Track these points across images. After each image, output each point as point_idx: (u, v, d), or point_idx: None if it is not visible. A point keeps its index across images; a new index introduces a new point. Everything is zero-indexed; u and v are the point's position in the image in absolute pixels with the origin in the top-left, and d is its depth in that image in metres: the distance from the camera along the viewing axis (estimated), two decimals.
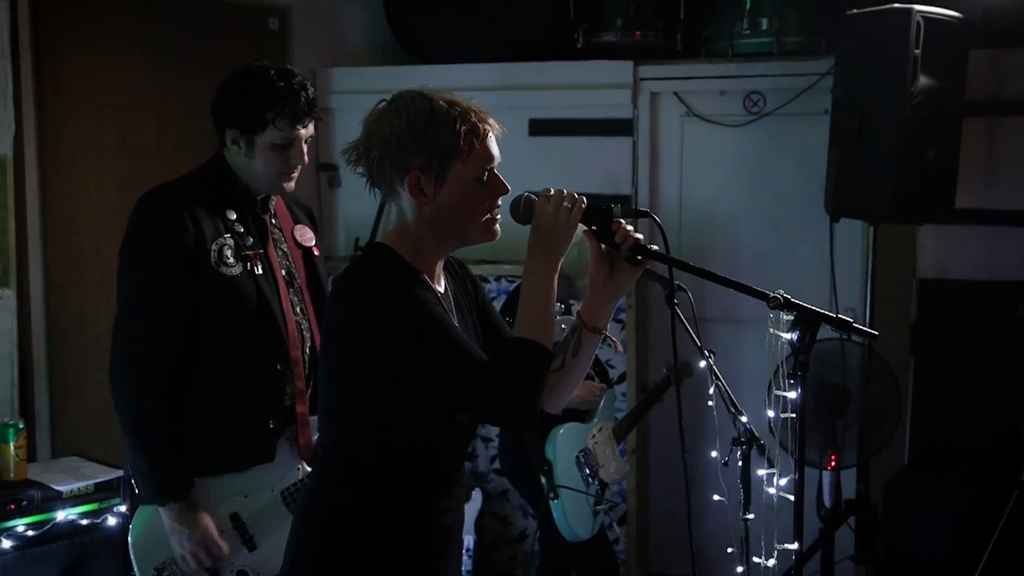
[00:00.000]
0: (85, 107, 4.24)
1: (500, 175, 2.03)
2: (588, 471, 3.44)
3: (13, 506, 3.35)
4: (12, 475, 3.52)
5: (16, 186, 3.93)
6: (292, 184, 2.79)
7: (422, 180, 1.97)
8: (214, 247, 2.67)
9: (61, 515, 3.42)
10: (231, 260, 2.69)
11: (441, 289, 2.09)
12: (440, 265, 2.11)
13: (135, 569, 2.78)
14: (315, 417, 2.74)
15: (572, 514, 3.39)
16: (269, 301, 2.74)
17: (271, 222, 2.85)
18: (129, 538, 2.82)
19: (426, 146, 1.96)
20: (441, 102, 1.98)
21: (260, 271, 2.73)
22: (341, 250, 5.16)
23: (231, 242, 2.71)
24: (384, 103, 2.04)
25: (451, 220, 2.01)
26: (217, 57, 4.30)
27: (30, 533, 3.35)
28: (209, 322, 2.70)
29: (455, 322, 2.05)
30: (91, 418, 4.14)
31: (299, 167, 2.77)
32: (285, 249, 2.88)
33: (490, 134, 2.00)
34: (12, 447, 3.53)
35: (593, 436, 3.52)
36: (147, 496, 2.72)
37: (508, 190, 2.03)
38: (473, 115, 1.99)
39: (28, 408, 4.01)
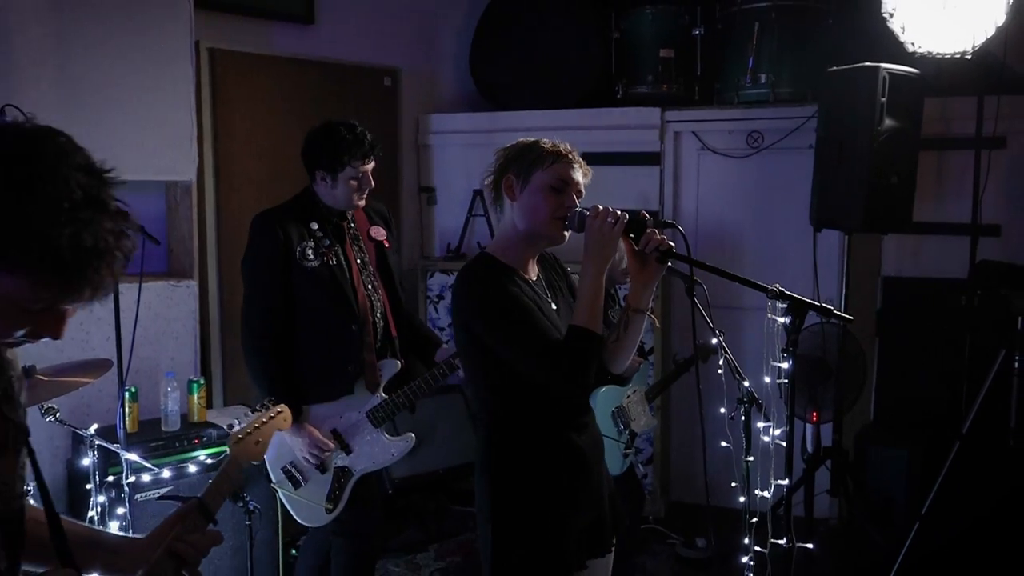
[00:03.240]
0: (248, 146, 4.29)
1: (570, 194, 2.05)
2: (621, 423, 3.46)
3: (197, 440, 3.45)
4: (195, 418, 3.60)
5: (198, 205, 3.99)
6: (363, 202, 2.98)
7: (513, 182, 2.03)
8: (299, 248, 2.88)
9: None
10: (311, 256, 2.89)
11: (533, 277, 2.10)
12: (532, 261, 2.12)
13: (269, 472, 2.97)
14: (382, 360, 2.98)
15: (607, 455, 3.41)
16: (341, 282, 2.91)
17: (348, 227, 3.02)
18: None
19: (521, 158, 2.03)
20: (549, 142, 2.06)
21: (335, 262, 2.92)
22: (437, 252, 5.19)
23: (312, 244, 2.90)
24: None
25: (529, 216, 2.04)
26: (348, 106, 4.36)
27: (209, 461, 3.42)
28: (300, 299, 2.91)
29: (549, 300, 2.09)
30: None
31: (367, 189, 2.95)
32: (361, 244, 3.05)
33: (573, 164, 2.05)
34: (196, 397, 3.61)
35: (628, 396, 3.54)
36: None
37: (575, 204, 2.04)
38: (566, 150, 2.05)
39: (206, 369, 4.06)
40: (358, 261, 2.99)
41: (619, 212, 1.99)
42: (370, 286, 3.00)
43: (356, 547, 3.01)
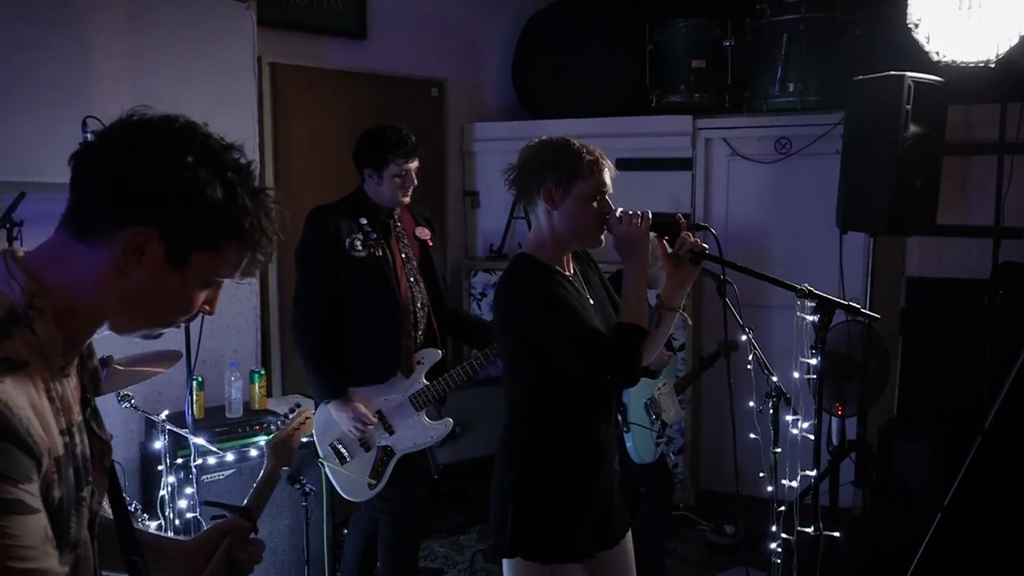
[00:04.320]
0: (306, 154, 4.34)
1: (608, 200, 2.04)
2: (653, 414, 3.44)
3: (258, 427, 3.48)
4: (256, 405, 3.64)
5: None
6: (408, 199, 3.01)
7: (553, 191, 1.99)
8: (348, 239, 2.92)
9: None
10: (359, 248, 2.93)
11: (570, 273, 2.09)
12: (568, 257, 2.10)
13: (317, 447, 3.01)
14: (425, 349, 3.02)
15: (639, 444, 3.40)
16: (386, 273, 2.94)
17: (395, 225, 3.06)
18: (312, 427, 3.01)
19: (560, 166, 1.98)
20: (575, 142, 2.02)
21: (381, 254, 2.96)
22: (480, 252, 5.20)
23: (360, 236, 2.94)
24: (534, 140, 2.07)
25: (569, 225, 2.01)
26: (397, 116, 4.34)
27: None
28: (347, 287, 2.94)
29: (587, 295, 2.07)
30: None
31: (411, 187, 2.98)
32: (406, 241, 3.08)
33: (605, 169, 2.01)
34: (257, 386, 3.65)
35: (659, 388, 3.52)
36: (318, 397, 2.98)
37: (613, 211, 2.02)
38: (597, 153, 2.02)
39: (267, 360, 4.10)
40: (402, 256, 3.03)
41: (641, 212, 1.98)
42: (412, 279, 3.04)
43: (401, 525, 3.03)
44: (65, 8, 3.37)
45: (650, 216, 1.98)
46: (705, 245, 2.02)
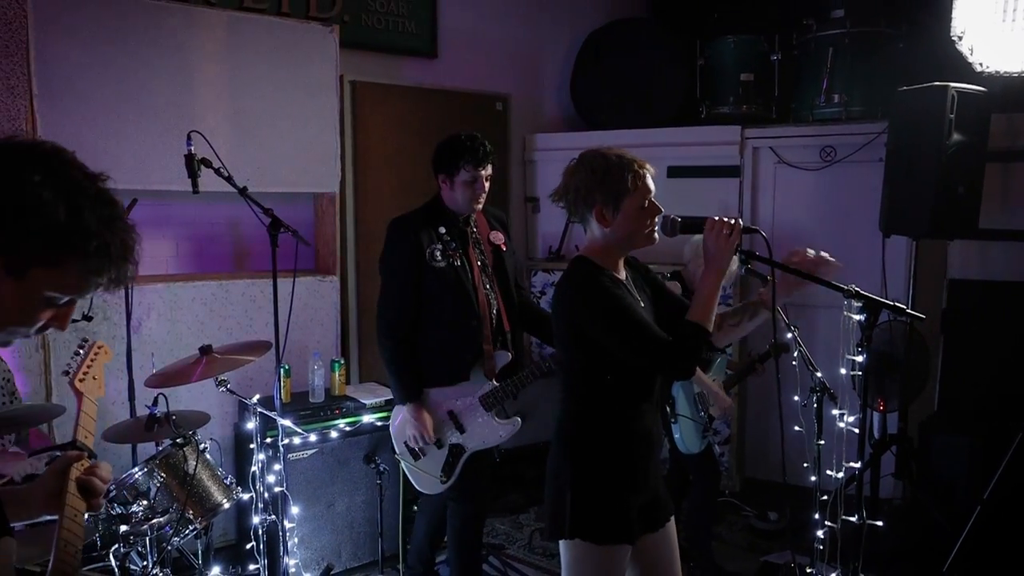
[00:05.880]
0: (382, 163, 4.38)
1: (655, 202, 2.01)
2: (701, 407, 3.39)
3: (338, 411, 3.53)
4: (336, 392, 3.68)
5: (340, 212, 4.07)
6: (479, 206, 2.92)
7: (604, 211, 1.97)
8: (428, 250, 2.85)
9: (366, 418, 3.55)
10: (439, 257, 2.86)
11: (623, 277, 2.07)
12: (621, 261, 2.08)
13: (393, 442, 3.02)
14: (496, 352, 2.95)
15: (686, 435, 3.35)
16: (464, 282, 2.87)
17: (471, 232, 2.97)
18: (390, 425, 3.05)
19: (605, 188, 1.96)
20: (613, 156, 1.98)
21: (459, 263, 2.88)
22: (540, 253, 5.19)
23: (439, 246, 2.87)
24: (574, 161, 2.03)
25: (624, 235, 2.00)
26: (464, 127, 4.38)
27: (347, 428, 3.49)
28: (428, 295, 2.87)
29: (637, 298, 2.05)
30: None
31: (483, 194, 2.88)
32: (482, 248, 2.99)
33: (647, 176, 1.99)
34: (337, 375, 3.70)
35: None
36: (398, 399, 2.95)
37: (661, 211, 2.01)
38: (635, 163, 1.97)
39: (345, 350, 4.15)
40: (478, 263, 2.96)
41: (732, 222, 1.94)
42: (488, 286, 2.97)
43: (468, 512, 3.02)
44: (171, 34, 3.49)
45: (741, 226, 1.94)
46: (737, 217, 1.98)
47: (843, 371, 2.70)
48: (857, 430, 2.20)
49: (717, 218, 1.95)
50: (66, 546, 1.34)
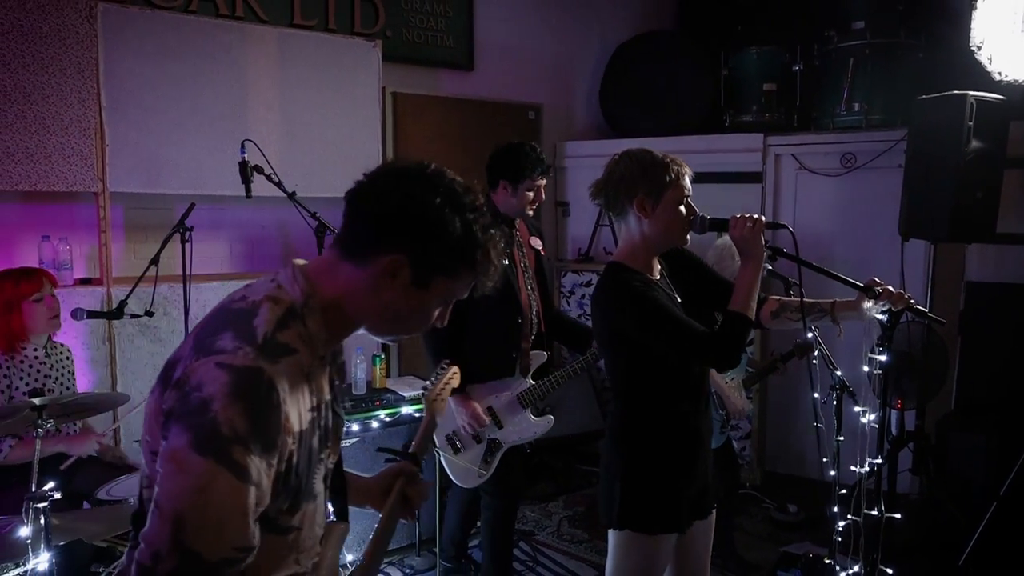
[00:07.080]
0: None
1: (692, 202, 2.00)
2: (718, 405, 3.35)
3: (378, 403, 3.54)
4: (377, 384, 3.71)
5: None
6: (532, 212, 2.91)
7: (646, 202, 1.95)
8: None
9: (404, 409, 3.54)
10: None
11: (656, 276, 2.04)
12: (655, 261, 2.04)
13: (434, 437, 2.95)
14: (533, 351, 2.92)
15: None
16: (510, 282, 2.84)
17: (516, 235, 2.96)
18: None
19: (649, 179, 1.94)
20: (657, 153, 1.99)
21: (506, 263, 2.84)
22: (569, 255, 5.18)
23: None
24: (618, 155, 2.03)
25: (661, 230, 1.97)
26: (499, 136, 4.38)
27: (387, 419, 3.49)
28: (475, 295, 2.83)
29: (674, 294, 2.03)
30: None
31: (539, 202, 2.89)
32: (523, 251, 2.98)
33: (686, 175, 1.98)
34: (378, 368, 3.73)
35: (727, 383, 3.42)
36: None
37: (696, 212, 1.99)
38: (676, 163, 1.98)
39: (386, 346, 4.14)
40: (522, 265, 2.95)
41: (753, 215, 1.94)
42: (530, 287, 2.96)
43: (503, 504, 3.01)
44: (227, 50, 3.55)
45: (763, 219, 1.94)
46: (759, 215, 1.96)
47: (865, 369, 2.66)
48: (877, 426, 2.16)
49: (739, 215, 1.94)
50: (378, 542, 1.41)
